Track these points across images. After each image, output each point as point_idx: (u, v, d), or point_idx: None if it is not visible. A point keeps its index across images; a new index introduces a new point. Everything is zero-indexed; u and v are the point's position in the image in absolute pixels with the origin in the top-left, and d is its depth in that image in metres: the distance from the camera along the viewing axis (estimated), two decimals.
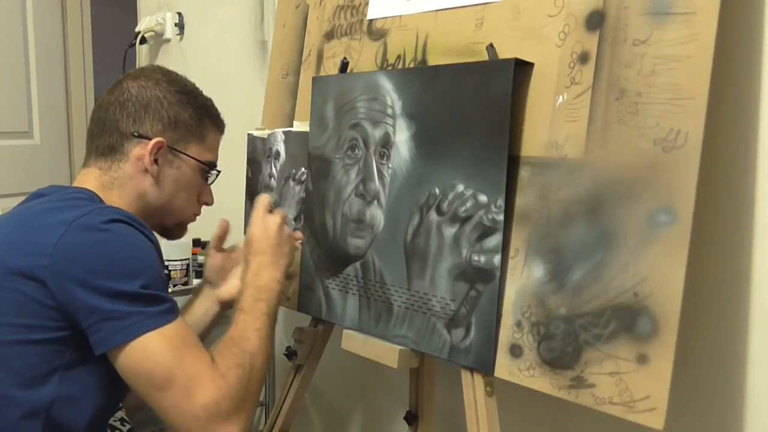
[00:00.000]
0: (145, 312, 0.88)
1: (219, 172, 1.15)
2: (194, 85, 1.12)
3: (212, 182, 1.15)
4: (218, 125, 1.14)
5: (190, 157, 1.08)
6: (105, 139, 1.05)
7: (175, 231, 1.16)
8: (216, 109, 1.14)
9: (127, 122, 1.04)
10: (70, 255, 0.88)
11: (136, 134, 1.04)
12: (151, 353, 0.87)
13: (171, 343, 0.88)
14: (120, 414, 1.16)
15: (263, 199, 1.14)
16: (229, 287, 1.20)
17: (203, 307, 1.21)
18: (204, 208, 1.17)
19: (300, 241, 1.20)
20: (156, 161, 1.05)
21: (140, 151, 1.04)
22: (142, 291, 0.88)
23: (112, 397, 0.99)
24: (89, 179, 1.05)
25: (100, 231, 0.90)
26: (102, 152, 1.05)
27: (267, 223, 1.10)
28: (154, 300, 0.90)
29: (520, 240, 0.97)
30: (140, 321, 0.87)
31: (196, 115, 1.09)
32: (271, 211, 1.13)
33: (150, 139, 1.04)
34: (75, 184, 1.06)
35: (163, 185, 1.07)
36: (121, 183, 1.04)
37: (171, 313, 0.91)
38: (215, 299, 1.21)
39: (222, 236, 1.25)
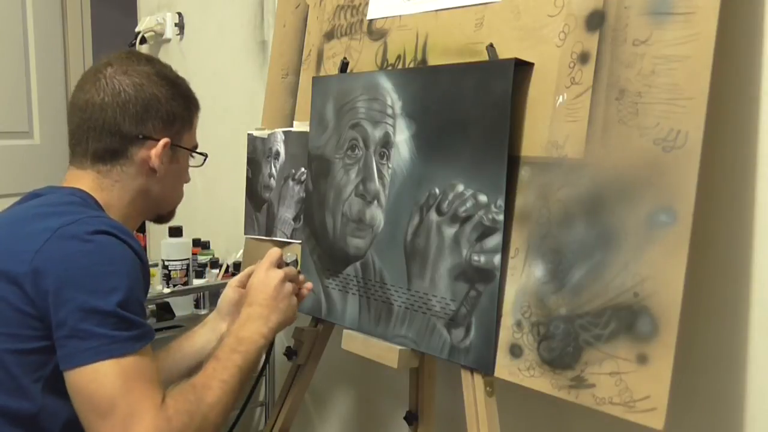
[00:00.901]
0: (112, 336, 0.85)
1: (206, 156, 1.14)
2: (170, 68, 1.10)
3: (201, 165, 1.14)
4: (198, 106, 1.13)
5: (186, 149, 1.09)
6: (104, 143, 1.02)
7: (169, 217, 1.16)
8: (191, 90, 1.12)
9: (130, 125, 1.02)
10: (49, 263, 0.86)
11: (140, 136, 1.02)
12: (100, 378, 0.84)
13: (124, 372, 0.84)
14: None
15: (273, 253, 1.10)
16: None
17: (204, 339, 1.17)
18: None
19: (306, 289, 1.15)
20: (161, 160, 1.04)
21: (146, 152, 1.02)
22: (115, 311, 0.85)
23: None
24: (85, 181, 1.02)
25: (84, 241, 0.88)
26: (101, 156, 1.02)
27: (269, 275, 1.07)
28: (124, 323, 0.86)
29: (520, 240, 0.97)
30: (104, 345, 0.84)
31: (186, 105, 1.08)
32: (280, 267, 1.10)
33: (156, 140, 1.02)
34: (68, 185, 1.03)
35: (165, 181, 1.06)
36: (123, 185, 1.03)
37: (139, 340, 0.87)
38: (219, 333, 1.16)
39: (251, 275, 1.19)
